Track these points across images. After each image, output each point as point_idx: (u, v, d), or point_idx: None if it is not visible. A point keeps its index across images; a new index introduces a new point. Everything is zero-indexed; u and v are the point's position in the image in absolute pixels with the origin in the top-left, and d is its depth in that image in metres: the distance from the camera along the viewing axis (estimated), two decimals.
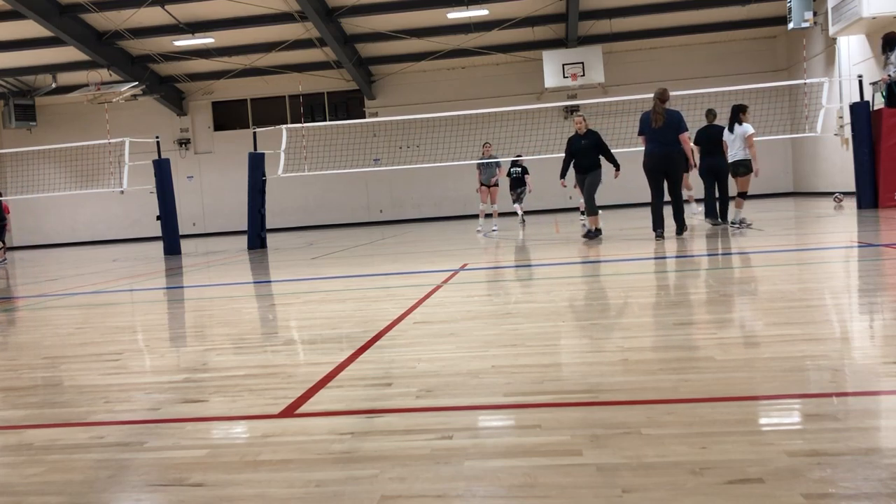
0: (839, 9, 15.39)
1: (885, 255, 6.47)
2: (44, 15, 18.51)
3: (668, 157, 9.31)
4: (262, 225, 14.52)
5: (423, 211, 24.82)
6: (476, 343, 3.70)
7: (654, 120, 9.29)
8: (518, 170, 15.85)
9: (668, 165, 9.35)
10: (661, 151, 9.29)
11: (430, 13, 20.16)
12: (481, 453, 2.11)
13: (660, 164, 9.33)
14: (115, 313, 6.13)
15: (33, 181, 22.87)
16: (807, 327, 3.60)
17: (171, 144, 25.20)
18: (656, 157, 9.33)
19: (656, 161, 9.34)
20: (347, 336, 4.14)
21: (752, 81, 19.22)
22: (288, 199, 23.52)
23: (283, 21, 20.13)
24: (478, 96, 23.07)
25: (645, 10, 20.43)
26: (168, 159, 14.96)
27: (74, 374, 3.61)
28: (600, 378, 2.83)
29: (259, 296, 6.89)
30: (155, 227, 15.68)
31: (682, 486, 1.78)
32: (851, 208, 13.25)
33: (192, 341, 4.52)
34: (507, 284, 6.60)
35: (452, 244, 11.70)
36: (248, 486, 1.98)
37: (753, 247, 7.75)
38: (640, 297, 4.83)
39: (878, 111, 13.27)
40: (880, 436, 2.10)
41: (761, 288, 5.12)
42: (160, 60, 22.57)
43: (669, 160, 9.32)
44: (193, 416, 2.69)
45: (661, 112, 9.23)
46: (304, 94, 23.65)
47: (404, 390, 2.84)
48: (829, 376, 2.71)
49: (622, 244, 9.19)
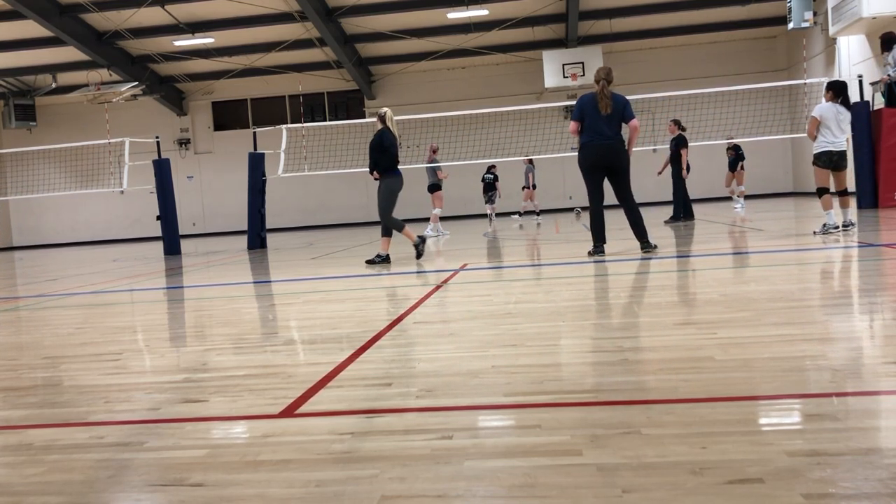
0: (839, 9, 15.40)
1: (885, 255, 6.47)
2: (44, 15, 18.52)
3: (616, 151, 7.81)
4: (262, 225, 14.52)
5: (423, 211, 24.80)
6: (476, 343, 3.70)
7: (602, 105, 7.72)
8: (490, 176, 17.71)
9: (615, 160, 7.81)
10: (606, 143, 7.77)
11: (430, 13, 20.17)
12: (481, 453, 2.11)
13: (604, 160, 7.81)
14: (115, 313, 6.13)
15: (33, 181, 22.87)
16: (807, 327, 3.60)
17: (171, 144, 25.21)
18: (601, 150, 7.78)
19: (601, 155, 7.80)
20: (347, 336, 4.14)
21: (752, 81, 19.24)
22: (288, 199, 23.52)
23: (282, 21, 20.14)
24: (478, 96, 23.08)
25: (645, 10, 20.44)
26: (168, 159, 14.96)
27: (74, 374, 3.61)
28: (600, 378, 2.83)
29: (259, 296, 6.89)
30: (155, 227, 15.69)
31: (682, 486, 1.78)
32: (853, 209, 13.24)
33: (192, 341, 4.52)
34: (507, 284, 6.60)
35: (452, 244, 11.71)
36: (248, 486, 1.98)
37: (753, 247, 7.75)
38: (640, 297, 4.83)
39: (878, 111, 13.27)
40: (880, 436, 2.10)
41: (761, 288, 5.12)
42: (160, 60, 22.57)
43: (617, 154, 7.81)
44: (193, 416, 2.69)
45: (608, 96, 7.71)
46: (304, 94, 23.66)
47: (404, 390, 2.84)
48: (829, 376, 2.71)
49: (622, 244, 9.19)
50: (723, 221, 12.58)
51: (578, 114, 7.86)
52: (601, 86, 7.73)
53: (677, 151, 13.19)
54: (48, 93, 23.74)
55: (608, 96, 7.69)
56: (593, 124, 7.79)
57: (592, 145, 7.82)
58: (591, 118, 7.80)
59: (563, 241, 10.86)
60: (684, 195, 13.21)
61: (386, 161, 8.96)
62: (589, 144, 7.85)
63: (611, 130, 7.76)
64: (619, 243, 9.31)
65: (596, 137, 7.79)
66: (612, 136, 7.77)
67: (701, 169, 16.24)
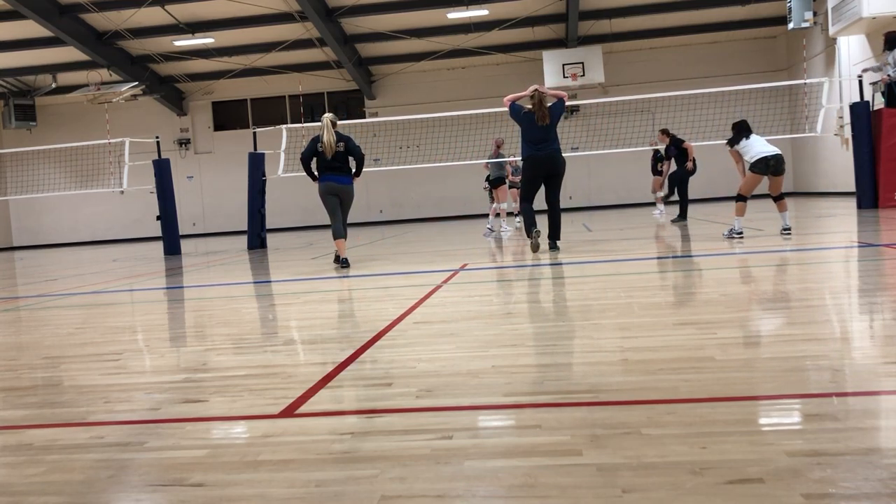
0: (839, 9, 15.40)
1: (885, 255, 6.47)
2: (44, 15, 18.52)
3: (557, 159, 8.46)
4: (262, 225, 14.52)
5: (423, 211, 24.83)
6: (476, 343, 3.70)
7: (539, 117, 8.34)
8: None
9: (557, 167, 8.47)
10: (548, 153, 8.39)
11: (430, 13, 20.17)
12: (481, 453, 2.11)
13: (548, 168, 8.45)
14: (115, 313, 6.13)
15: (33, 181, 22.88)
16: (807, 327, 3.60)
17: (171, 144, 25.21)
18: (545, 160, 8.40)
19: (546, 165, 8.43)
20: (347, 336, 4.14)
21: (752, 81, 19.25)
22: (288, 199, 23.52)
23: (282, 21, 20.14)
24: (478, 96, 23.07)
25: (645, 10, 20.44)
26: (168, 159, 14.96)
27: (74, 374, 3.61)
28: (600, 378, 2.83)
29: (259, 296, 6.89)
30: (155, 227, 15.69)
31: (682, 486, 1.78)
32: (851, 208, 13.25)
33: (192, 341, 4.52)
34: (507, 284, 6.60)
35: (452, 244, 11.70)
36: (248, 486, 1.98)
37: (753, 247, 7.75)
38: (641, 297, 4.83)
39: (878, 111, 13.28)
40: (880, 436, 2.10)
41: (761, 288, 5.12)
42: (160, 60, 22.58)
43: (558, 161, 8.47)
44: (193, 416, 2.69)
45: (546, 108, 8.36)
46: (304, 94, 23.67)
47: (404, 390, 2.84)
48: (829, 376, 2.71)
49: (622, 244, 9.19)
50: (722, 221, 12.59)
51: (515, 116, 8.57)
52: (537, 100, 8.37)
53: (678, 153, 13.22)
54: (48, 93, 23.74)
55: (546, 109, 8.35)
56: (533, 134, 8.41)
57: (538, 157, 8.42)
58: (529, 128, 8.43)
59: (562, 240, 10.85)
60: (682, 194, 13.22)
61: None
62: (535, 156, 8.44)
63: (549, 137, 8.39)
64: (619, 243, 9.31)
65: (539, 148, 8.39)
66: (551, 145, 8.40)
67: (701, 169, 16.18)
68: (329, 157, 8.54)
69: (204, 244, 18.76)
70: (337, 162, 8.60)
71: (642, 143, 18.27)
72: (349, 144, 8.67)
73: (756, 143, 8.49)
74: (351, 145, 8.69)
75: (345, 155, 8.68)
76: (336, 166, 8.61)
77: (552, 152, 8.40)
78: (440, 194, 24.60)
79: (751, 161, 8.42)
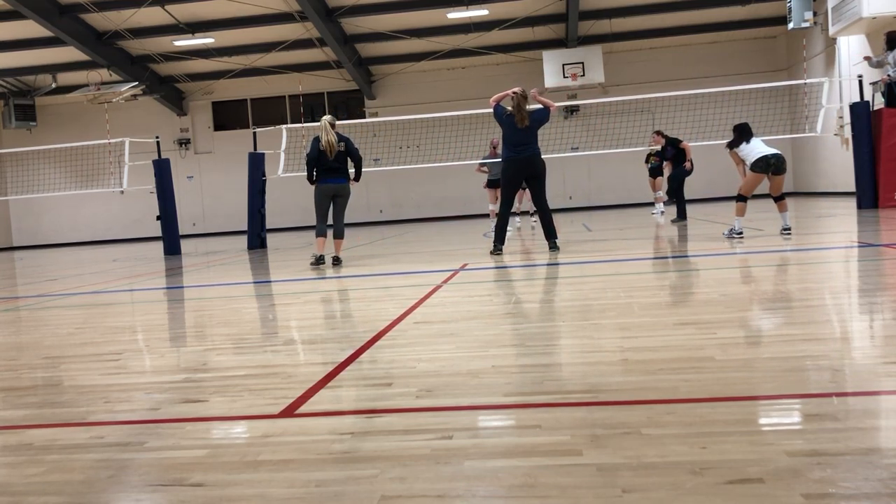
0: (839, 9, 15.39)
1: (885, 255, 6.47)
2: (44, 15, 18.51)
3: (535, 160, 8.54)
4: (262, 225, 14.52)
5: (423, 211, 24.82)
6: (476, 343, 3.70)
7: (518, 119, 8.42)
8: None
9: (535, 168, 8.55)
10: (527, 156, 8.46)
11: (430, 13, 20.16)
12: (481, 453, 2.11)
13: (526, 170, 8.55)
14: (115, 313, 6.13)
15: (33, 181, 22.87)
16: (807, 327, 3.60)
17: (171, 144, 25.20)
18: (523, 162, 8.47)
19: (524, 167, 8.52)
20: (347, 336, 4.14)
21: (752, 81, 19.24)
22: (288, 199, 23.50)
23: (282, 21, 20.13)
24: (478, 96, 23.03)
25: (645, 10, 20.43)
26: (168, 159, 14.96)
27: (74, 374, 3.61)
28: (600, 378, 2.83)
29: (259, 296, 6.89)
30: (155, 227, 15.68)
31: (682, 486, 1.78)
32: (851, 208, 13.25)
33: (191, 341, 4.52)
34: (507, 284, 6.60)
35: (452, 244, 11.70)
36: (248, 486, 1.98)
37: (753, 247, 7.75)
38: (641, 297, 4.83)
39: (878, 111, 13.28)
40: (880, 436, 2.10)
41: (761, 288, 5.13)
42: (160, 60, 22.57)
43: (536, 163, 8.55)
44: (193, 416, 2.69)
45: (525, 112, 8.47)
46: (304, 94, 23.66)
47: (404, 390, 2.84)
48: (829, 376, 2.71)
49: (622, 244, 9.19)
50: (722, 221, 12.58)
51: (499, 118, 8.63)
52: (517, 101, 8.45)
53: (676, 153, 13.21)
54: (48, 93, 23.73)
55: (526, 112, 8.44)
56: (512, 137, 8.48)
57: (517, 159, 8.48)
58: (510, 130, 8.50)
59: (562, 240, 10.85)
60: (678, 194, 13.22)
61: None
62: (513, 158, 8.50)
63: (529, 140, 8.46)
64: (619, 243, 9.32)
65: (518, 150, 8.45)
66: (530, 147, 8.47)
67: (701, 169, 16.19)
68: (331, 158, 8.70)
69: (204, 244, 18.76)
70: (337, 163, 8.78)
71: (642, 143, 18.27)
72: (349, 145, 8.86)
73: (756, 147, 8.51)
74: (350, 146, 8.87)
75: (345, 155, 8.86)
76: (336, 167, 8.78)
77: (531, 156, 8.48)
78: (440, 194, 24.59)
79: (751, 161, 8.43)
